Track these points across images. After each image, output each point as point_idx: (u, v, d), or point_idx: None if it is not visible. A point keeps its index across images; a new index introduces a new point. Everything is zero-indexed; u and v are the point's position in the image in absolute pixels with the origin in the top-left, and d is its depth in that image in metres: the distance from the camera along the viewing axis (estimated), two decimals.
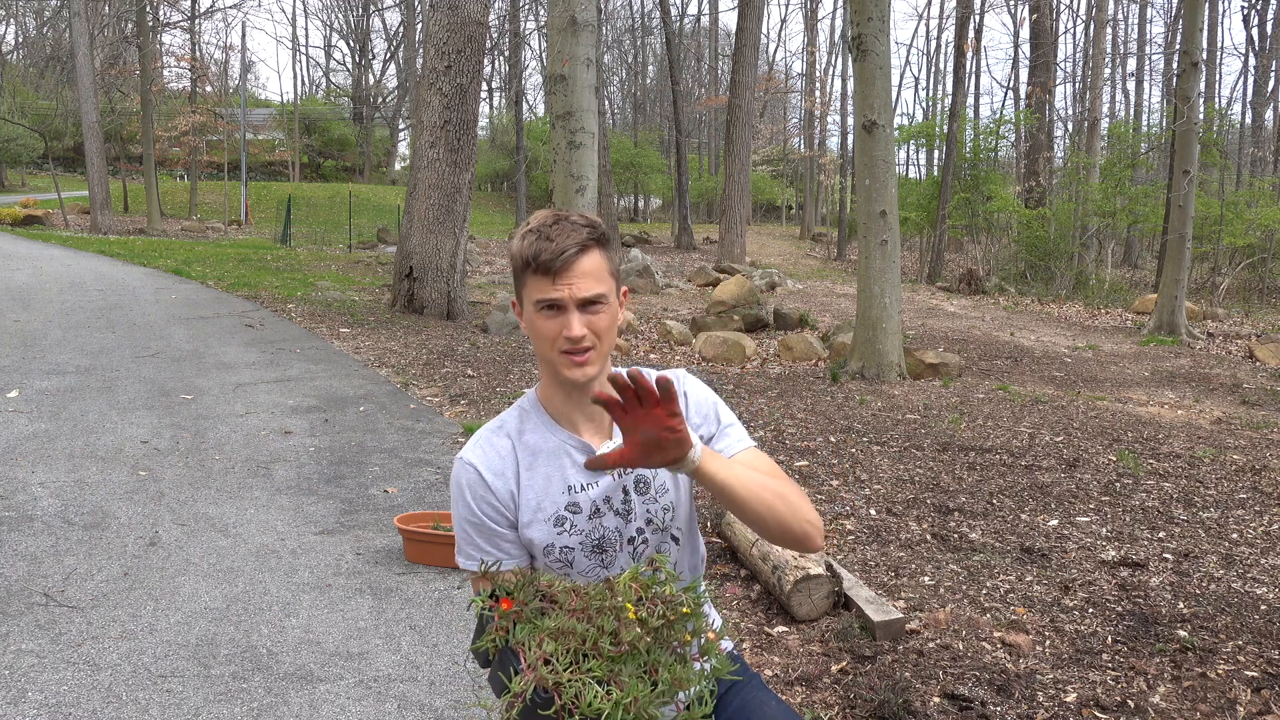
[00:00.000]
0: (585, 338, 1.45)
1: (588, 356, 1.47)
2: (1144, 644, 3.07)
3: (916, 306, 15.58)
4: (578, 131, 17.32)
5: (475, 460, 1.54)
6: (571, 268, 1.44)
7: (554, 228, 1.45)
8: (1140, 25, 39.21)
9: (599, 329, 1.47)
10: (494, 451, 1.55)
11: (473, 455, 1.55)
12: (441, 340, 9.26)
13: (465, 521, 1.53)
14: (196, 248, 20.09)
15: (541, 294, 1.45)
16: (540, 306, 1.46)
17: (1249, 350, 11.03)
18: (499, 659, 1.33)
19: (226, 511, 4.18)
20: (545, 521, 1.53)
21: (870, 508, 4.49)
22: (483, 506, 1.52)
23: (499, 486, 1.52)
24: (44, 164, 38.47)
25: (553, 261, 1.43)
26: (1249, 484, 5.04)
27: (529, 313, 1.49)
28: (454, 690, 2.76)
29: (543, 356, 1.52)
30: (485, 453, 1.55)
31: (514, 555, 1.53)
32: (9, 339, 8.13)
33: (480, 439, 1.57)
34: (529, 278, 1.47)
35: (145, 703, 2.61)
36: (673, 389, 1.27)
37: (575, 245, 1.44)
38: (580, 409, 1.56)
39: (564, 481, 1.54)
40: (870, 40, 8.24)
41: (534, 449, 1.55)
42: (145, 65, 28.80)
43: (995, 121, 26.96)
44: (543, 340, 1.48)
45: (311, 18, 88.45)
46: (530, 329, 1.51)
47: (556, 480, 1.54)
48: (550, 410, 1.58)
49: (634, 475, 1.56)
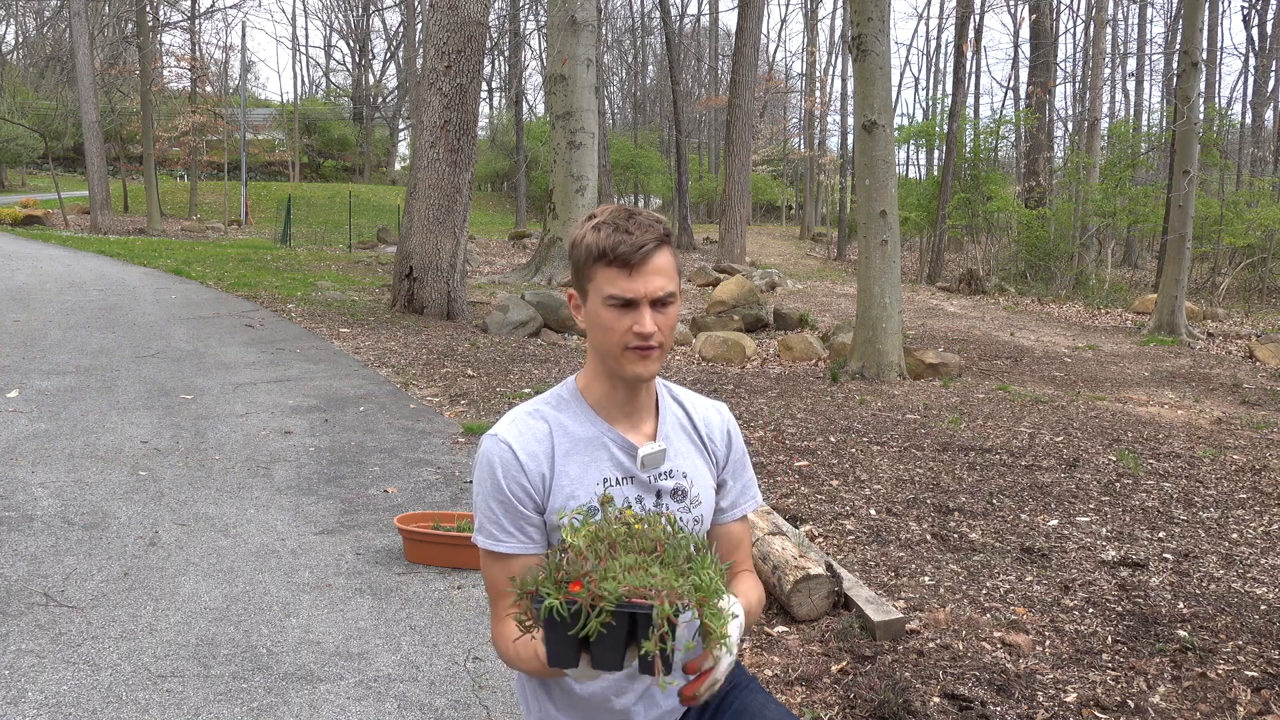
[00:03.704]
0: (655, 335, 1.44)
1: (653, 353, 1.46)
2: (1144, 644, 3.07)
3: (916, 306, 15.58)
4: (578, 131, 17.23)
5: (510, 438, 1.50)
6: (648, 263, 1.43)
7: (630, 222, 1.44)
8: (1140, 25, 39.20)
9: (665, 327, 1.47)
10: (530, 433, 1.51)
11: (508, 433, 1.51)
12: (441, 340, 9.26)
13: (491, 499, 1.49)
14: (196, 248, 20.09)
15: (614, 288, 1.43)
16: (612, 301, 1.44)
17: (1249, 350, 11.03)
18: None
19: (226, 511, 4.18)
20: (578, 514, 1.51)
21: (870, 508, 4.49)
22: (513, 486, 1.48)
23: (532, 468, 1.49)
24: (44, 164, 38.44)
25: (631, 255, 1.41)
26: (1249, 484, 5.04)
27: (594, 305, 1.47)
28: (454, 690, 2.76)
29: (601, 349, 1.49)
30: (521, 432, 1.51)
31: (535, 541, 1.50)
32: (9, 339, 8.13)
33: (516, 419, 1.54)
34: (600, 269, 1.44)
35: (145, 703, 2.61)
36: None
37: (653, 241, 1.43)
38: (621, 406, 1.55)
39: (600, 473, 1.51)
40: (870, 40, 8.24)
41: (573, 436, 1.53)
42: (145, 65, 28.79)
43: (995, 121, 26.97)
44: (608, 333, 1.46)
45: (311, 18, 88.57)
46: (592, 321, 1.48)
47: (593, 471, 1.51)
48: (590, 401, 1.55)
49: (673, 483, 1.56)
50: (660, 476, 1.55)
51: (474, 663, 2.92)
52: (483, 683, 2.81)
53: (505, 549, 1.49)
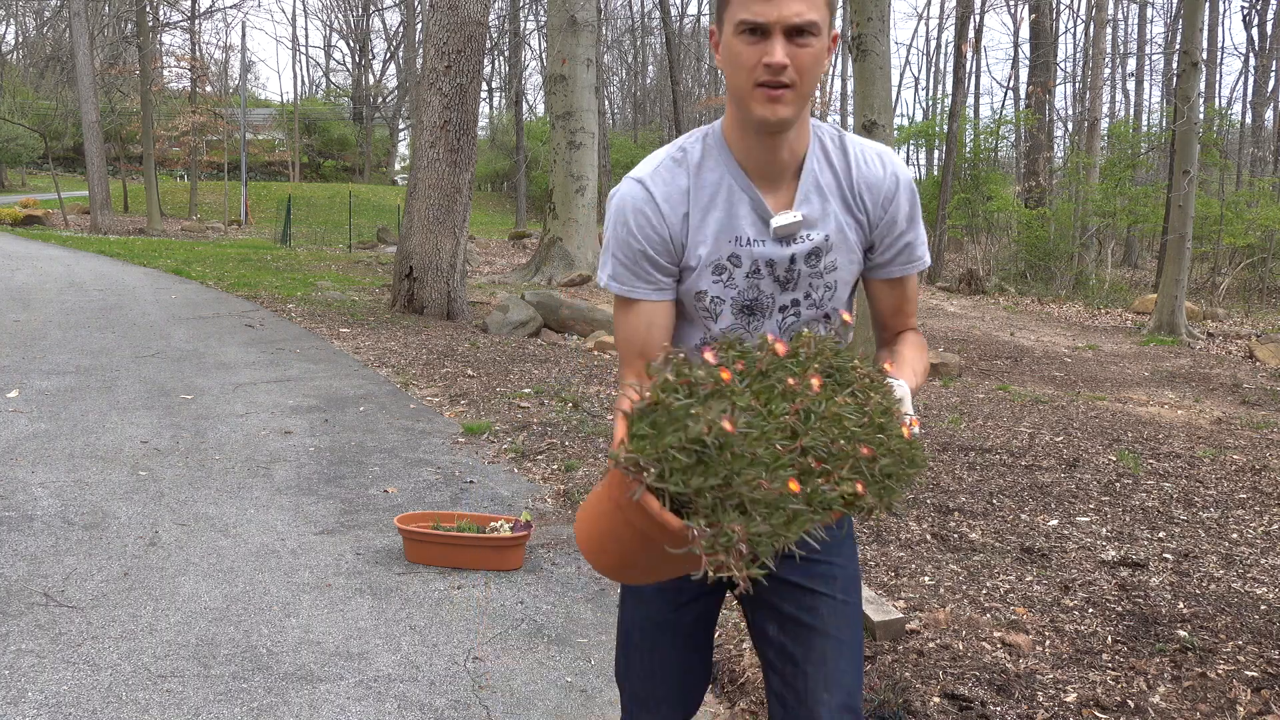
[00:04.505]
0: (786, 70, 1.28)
1: (783, 94, 1.29)
2: (1144, 644, 3.07)
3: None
4: (578, 131, 17.21)
5: (649, 181, 1.41)
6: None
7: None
8: (1140, 25, 39.22)
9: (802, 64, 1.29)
10: (672, 180, 1.41)
11: (647, 175, 1.41)
12: (441, 340, 9.26)
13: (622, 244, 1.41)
14: (196, 248, 20.09)
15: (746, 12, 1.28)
16: (742, 29, 1.29)
17: (1249, 350, 11.03)
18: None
19: (226, 511, 4.18)
20: (707, 267, 1.42)
21: None
22: (646, 231, 1.40)
23: (670, 214, 1.40)
24: (44, 164, 38.43)
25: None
26: (1249, 484, 5.04)
27: (727, 37, 1.32)
28: (454, 690, 2.76)
29: (735, 91, 1.34)
30: (663, 177, 1.41)
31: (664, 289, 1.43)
32: (9, 339, 8.13)
33: (658, 162, 1.43)
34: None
35: (145, 703, 2.61)
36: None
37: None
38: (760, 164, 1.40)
39: (733, 230, 1.41)
40: (870, 40, 8.24)
41: (712, 186, 1.41)
42: (145, 65, 28.79)
43: (995, 121, 27.01)
44: (739, 69, 1.31)
45: (311, 18, 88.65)
46: (726, 59, 1.34)
47: (728, 226, 1.41)
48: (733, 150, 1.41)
49: (811, 245, 1.43)
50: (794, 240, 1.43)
51: (474, 663, 2.93)
52: (482, 683, 2.81)
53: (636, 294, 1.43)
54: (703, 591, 1.53)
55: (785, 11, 1.26)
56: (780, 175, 1.42)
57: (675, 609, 1.55)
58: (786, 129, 1.36)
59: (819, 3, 1.29)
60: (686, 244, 1.42)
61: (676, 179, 1.42)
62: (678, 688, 1.60)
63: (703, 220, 1.41)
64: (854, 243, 1.47)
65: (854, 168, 1.45)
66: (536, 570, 3.69)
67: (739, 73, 1.31)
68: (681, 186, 1.41)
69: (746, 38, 1.29)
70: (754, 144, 1.39)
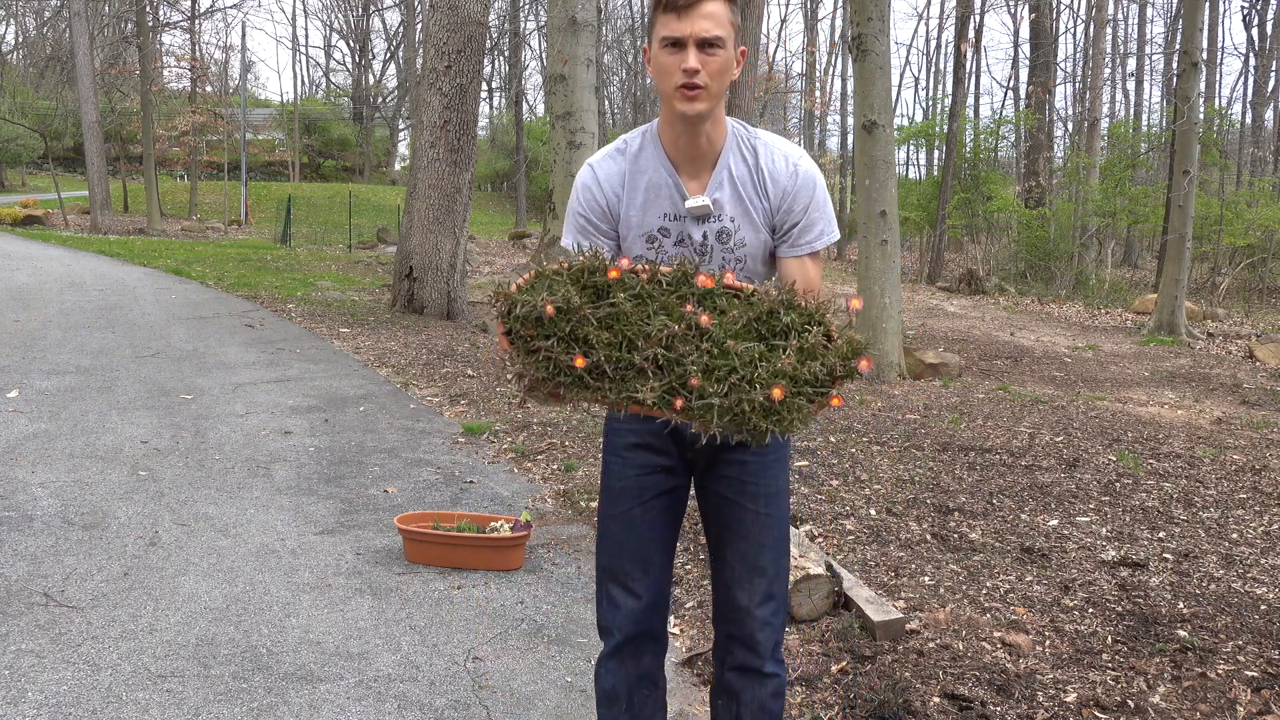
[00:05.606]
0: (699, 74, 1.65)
1: (699, 93, 1.66)
2: (1144, 644, 3.07)
3: (916, 306, 15.58)
4: (578, 131, 17.29)
5: (596, 166, 1.83)
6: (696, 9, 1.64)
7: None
8: (1140, 25, 39.24)
9: (712, 70, 1.66)
10: (613, 166, 1.83)
11: (596, 162, 1.84)
12: (441, 340, 9.26)
13: (573, 213, 1.85)
14: (196, 248, 20.09)
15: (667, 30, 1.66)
16: (664, 43, 1.67)
17: (1249, 350, 11.03)
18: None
19: (226, 511, 4.18)
20: (640, 236, 1.82)
21: (870, 508, 4.49)
22: (590, 203, 1.82)
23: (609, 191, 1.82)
24: (44, 164, 38.41)
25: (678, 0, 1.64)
26: (1249, 484, 5.04)
27: (655, 51, 1.70)
28: (454, 690, 2.76)
29: (664, 93, 1.72)
30: (605, 165, 1.83)
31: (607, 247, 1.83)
32: (9, 339, 8.13)
33: (606, 152, 1.85)
34: (659, 17, 1.68)
35: (145, 703, 2.61)
36: None
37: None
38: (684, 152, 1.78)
39: (660, 209, 1.81)
40: (870, 40, 8.24)
41: (644, 172, 1.81)
42: (145, 65, 28.78)
43: (995, 121, 26.99)
44: (664, 75, 1.69)
45: (311, 18, 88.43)
46: (655, 68, 1.71)
47: (654, 205, 1.81)
48: (664, 143, 1.80)
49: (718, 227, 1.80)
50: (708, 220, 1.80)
51: (474, 663, 2.93)
52: (482, 683, 2.81)
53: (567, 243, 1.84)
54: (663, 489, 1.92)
55: (696, 28, 1.64)
56: (700, 164, 1.79)
57: (641, 503, 1.91)
58: (703, 122, 1.72)
59: (724, 21, 1.67)
60: (619, 215, 1.83)
61: (617, 164, 1.83)
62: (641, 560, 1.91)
63: (632, 198, 1.81)
64: (759, 224, 1.82)
65: (762, 162, 1.80)
66: (536, 570, 3.69)
67: (664, 78, 1.69)
68: (620, 170, 1.82)
69: (669, 50, 1.67)
70: (680, 136, 1.76)
